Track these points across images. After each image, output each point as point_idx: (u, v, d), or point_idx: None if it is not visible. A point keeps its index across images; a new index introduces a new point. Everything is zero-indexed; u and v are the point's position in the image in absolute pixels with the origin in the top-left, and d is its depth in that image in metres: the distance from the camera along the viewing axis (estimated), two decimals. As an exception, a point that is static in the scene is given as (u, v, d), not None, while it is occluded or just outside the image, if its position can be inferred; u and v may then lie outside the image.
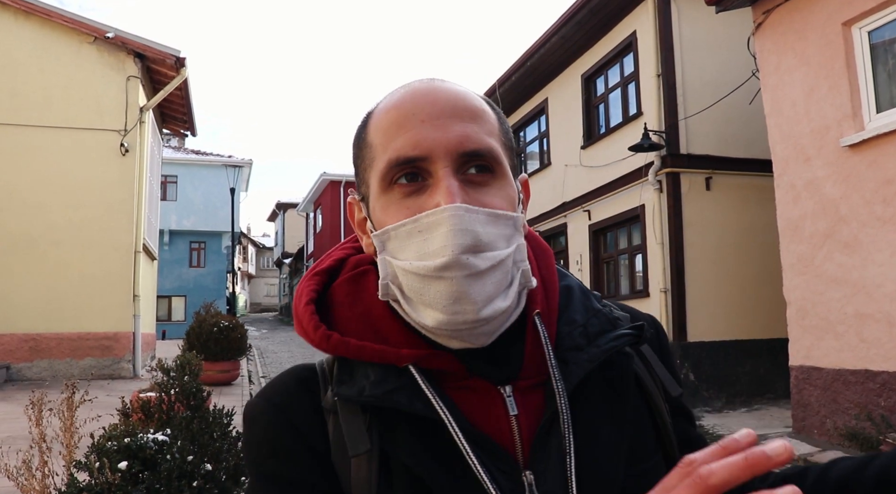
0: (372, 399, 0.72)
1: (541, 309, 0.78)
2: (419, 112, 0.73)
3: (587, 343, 0.76)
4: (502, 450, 0.72)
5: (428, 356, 0.74)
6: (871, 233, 6.15)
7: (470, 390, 0.75)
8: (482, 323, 0.70)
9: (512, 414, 0.74)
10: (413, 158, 0.72)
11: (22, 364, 10.58)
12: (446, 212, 0.69)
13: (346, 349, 0.75)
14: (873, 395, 6.11)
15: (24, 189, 10.83)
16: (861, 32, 6.37)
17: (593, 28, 11.01)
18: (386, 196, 0.74)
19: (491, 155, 0.74)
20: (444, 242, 0.68)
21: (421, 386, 0.72)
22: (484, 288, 0.69)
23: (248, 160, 31.35)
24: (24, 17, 11.18)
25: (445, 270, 0.68)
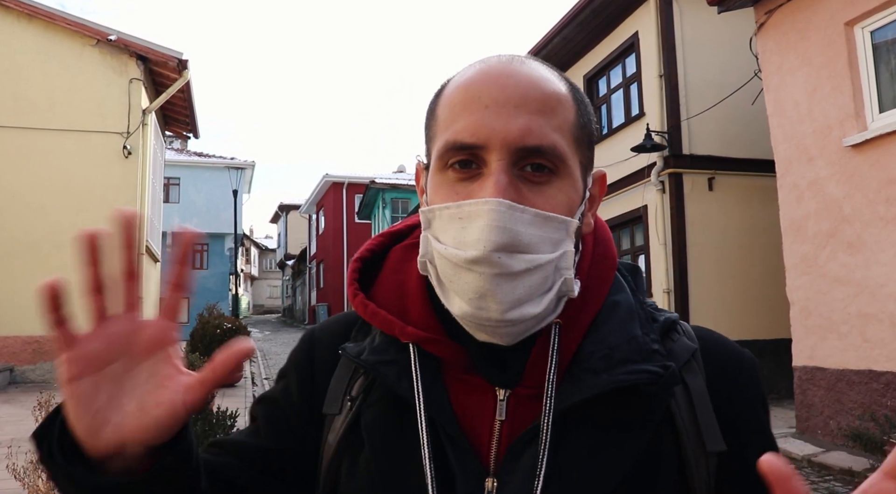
0: (364, 363, 0.75)
1: (566, 321, 0.73)
2: (485, 96, 0.69)
3: (606, 367, 0.70)
4: (471, 451, 0.71)
5: (430, 340, 0.73)
6: (874, 232, 6.14)
7: (467, 385, 0.74)
8: (506, 324, 0.68)
9: (498, 418, 0.72)
10: (469, 145, 0.69)
11: (25, 366, 10.59)
12: (487, 206, 0.66)
13: (364, 310, 0.78)
14: (877, 395, 6.09)
15: (27, 192, 10.85)
16: (863, 32, 6.37)
17: (595, 29, 11.01)
18: (440, 175, 0.72)
19: (554, 153, 0.69)
20: (479, 236, 0.66)
21: (412, 366, 0.73)
22: (514, 290, 0.67)
23: (251, 162, 31.40)
24: (27, 20, 11.20)
25: (474, 264, 0.66)
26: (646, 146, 9.06)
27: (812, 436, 6.81)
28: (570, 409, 0.70)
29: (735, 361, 0.79)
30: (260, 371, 14.16)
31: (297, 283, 43.02)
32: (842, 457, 6.08)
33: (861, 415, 6.12)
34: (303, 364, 0.85)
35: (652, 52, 9.77)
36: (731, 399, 0.76)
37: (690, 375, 0.75)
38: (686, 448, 0.72)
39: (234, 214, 22.50)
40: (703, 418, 0.73)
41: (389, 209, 26.72)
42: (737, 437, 0.74)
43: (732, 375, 0.78)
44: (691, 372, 0.75)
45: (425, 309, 0.76)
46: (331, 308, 30.82)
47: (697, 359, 0.77)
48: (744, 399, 0.78)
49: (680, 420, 0.72)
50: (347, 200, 31.68)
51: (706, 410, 0.74)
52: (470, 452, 0.71)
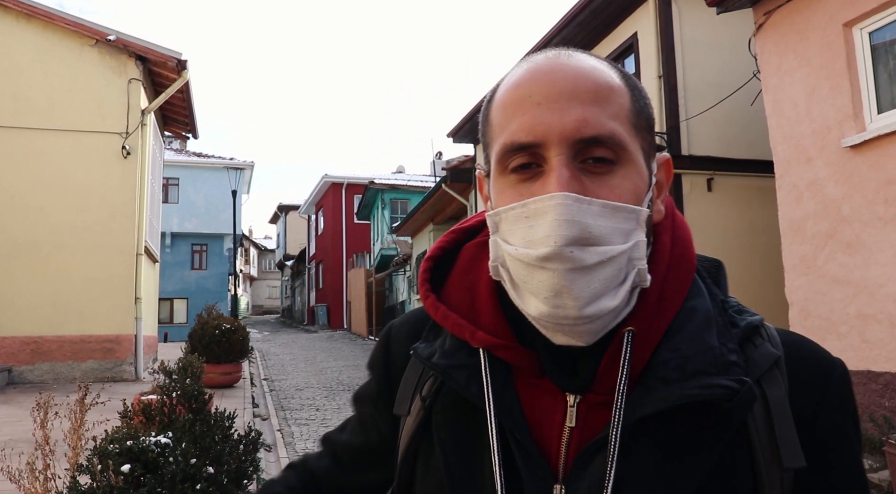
0: (434, 367, 0.76)
1: (640, 328, 0.69)
2: (535, 93, 0.69)
3: (679, 378, 0.67)
4: (540, 457, 0.70)
5: (500, 346, 0.73)
6: (873, 233, 6.14)
7: (538, 390, 0.73)
8: (585, 321, 0.66)
9: (568, 425, 0.71)
10: (527, 145, 0.68)
11: (24, 366, 10.58)
12: (553, 200, 0.65)
13: (435, 312, 0.78)
14: (876, 396, 6.09)
15: (27, 192, 10.85)
16: (862, 33, 6.37)
17: (595, 29, 11.01)
18: (502, 179, 0.71)
19: (613, 140, 0.68)
20: (548, 232, 0.65)
21: (482, 372, 0.73)
22: (589, 284, 0.65)
23: (250, 162, 31.39)
24: (26, 20, 11.20)
25: (547, 261, 0.65)
26: (645, 147, 9.05)
27: (811, 437, 6.81)
28: (641, 419, 0.67)
29: (824, 373, 0.75)
30: (259, 372, 14.16)
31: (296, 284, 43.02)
32: (840, 458, 6.07)
33: (860, 416, 6.12)
34: (379, 362, 0.89)
35: (651, 53, 9.77)
36: (817, 414, 0.72)
37: (771, 385, 0.71)
38: (759, 462, 0.68)
39: (234, 215, 22.49)
40: (780, 431, 0.69)
41: (388, 209, 26.72)
42: (820, 456, 0.71)
43: (820, 388, 0.74)
44: (772, 381, 0.71)
45: (496, 313, 0.75)
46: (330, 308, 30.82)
47: (780, 368, 0.73)
48: (831, 415, 0.73)
49: (755, 432, 0.68)
50: (346, 201, 31.69)
51: (785, 423, 0.70)
52: (539, 458, 0.70)
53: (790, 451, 0.69)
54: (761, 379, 0.70)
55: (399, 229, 23.00)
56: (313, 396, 11.11)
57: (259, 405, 9.92)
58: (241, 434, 3.91)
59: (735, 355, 0.70)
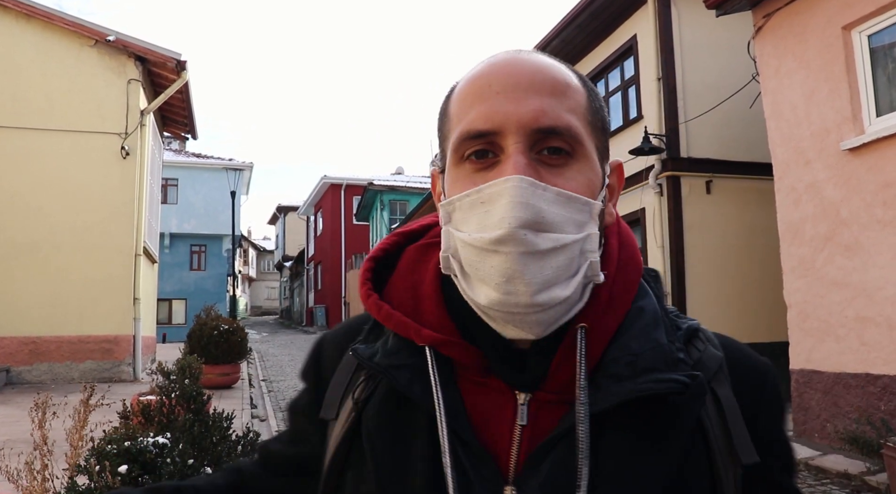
0: (376, 367, 0.73)
1: (592, 325, 0.70)
2: (495, 83, 0.69)
3: (630, 375, 0.67)
4: (489, 458, 0.68)
5: (447, 342, 0.71)
6: (871, 236, 6.15)
7: (486, 388, 0.71)
8: (537, 310, 0.65)
9: (519, 423, 0.69)
10: (484, 132, 0.67)
11: (22, 367, 10.57)
12: (508, 183, 0.64)
13: (377, 311, 0.76)
14: (874, 399, 6.10)
15: (26, 192, 10.84)
16: (861, 36, 6.38)
17: (594, 31, 11.02)
18: (457, 169, 0.71)
19: (570, 133, 0.68)
20: (502, 214, 0.64)
21: (428, 370, 0.70)
22: (542, 270, 0.64)
23: (249, 163, 31.39)
24: (26, 20, 11.20)
25: (500, 244, 0.64)
26: (644, 149, 9.06)
27: (809, 440, 6.82)
28: (595, 416, 0.67)
29: (759, 374, 0.77)
30: (257, 373, 14.15)
31: (294, 285, 43.00)
32: (839, 461, 6.08)
33: (858, 419, 6.12)
34: (310, 370, 0.87)
35: (650, 55, 9.78)
36: (757, 415, 0.74)
37: (720, 386, 0.73)
38: (717, 460, 0.69)
39: (232, 215, 22.49)
40: (735, 429, 0.71)
41: (387, 211, 26.72)
42: (765, 453, 0.72)
43: (758, 389, 0.76)
44: (720, 382, 0.73)
45: (440, 311, 0.74)
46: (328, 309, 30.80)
47: (724, 370, 0.75)
48: (769, 414, 0.76)
49: (711, 431, 0.70)
50: (345, 202, 31.69)
51: (737, 421, 0.71)
52: (487, 459, 0.68)
53: (745, 448, 0.70)
54: (711, 381, 0.72)
55: (398, 230, 22.93)
56: (312, 397, 11.09)
57: (257, 406, 9.91)
58: (239, 435, 3.91)
59: (682, 353, 0.72)
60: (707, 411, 0.70)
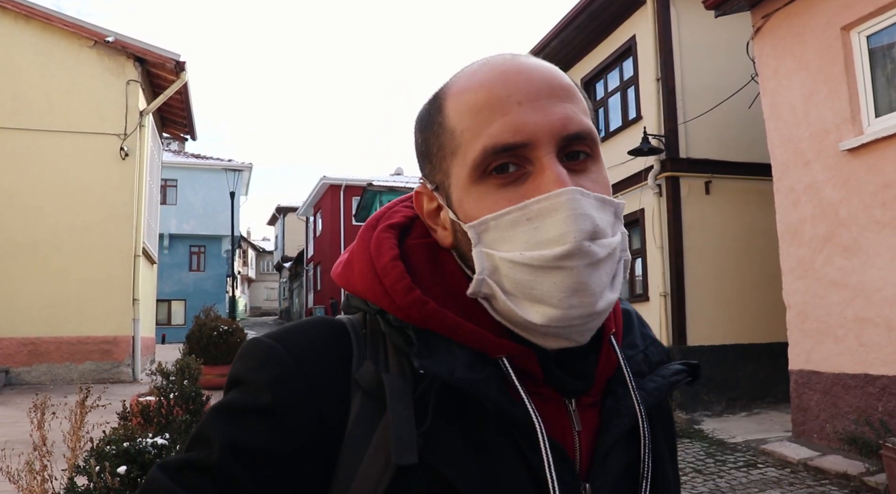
0: (464, 384, 0.63)
1: (613, 329, 0.74)
2: (514, 92, 0.66)
3: (650, 370, 0.76)
4: (571, 462, 0.68)
5: (520, 352, 0.68)
6: (870, 236, 6.15)
7: (541, 398, 0.69)
8: (596, 317, 0.65)
9: (576, 429, 0.70)
10: (514, 145, 0.64)
11: (21, 368, 10.57)
12: (563, 196, 0.62)
13: (442, 322, 0.67)
14: (872, 399, 6.10)
15: (25, 193, 10.84)
16: (860, 37, 6.39)
17: (593, 32, 11.03)
18: (478, 186, 0.67)
19: (591, 137, 0.68)
20: (564, 229, 0.62)
21: (514, 382, 0.66)
22: (601, 278, 0.64)
23: (248, 164, 31.39)
24: (25, 21, 11.20)
25: (567, 259, 0.62)
26: (643, 149, 9.07)
27: (808, 440, 6.82)
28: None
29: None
30: (256, 373, 14.14)
31: (294, 285, 42.98)
32: (837, 461, 6.08)
33: (857, 419, 6.12)
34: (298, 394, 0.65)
35: (649, 56, 9.79)
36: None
37: None
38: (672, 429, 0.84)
39: (232, 216, 22.50)
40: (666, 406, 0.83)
41: (387, 211, 26.67)
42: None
43: None
44: None
45: (494, 321, 0.69)
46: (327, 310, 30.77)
47: None
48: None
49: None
50: (345, 202, 31.67)
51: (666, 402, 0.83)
52: (571, 463, 0.68)
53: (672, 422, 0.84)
54: None
55: (397, 231, 22.92)
56: (311, 398, 11.10)
57: (257, 407, 9.89)
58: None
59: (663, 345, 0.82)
60: None
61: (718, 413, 8.95)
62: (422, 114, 0.74)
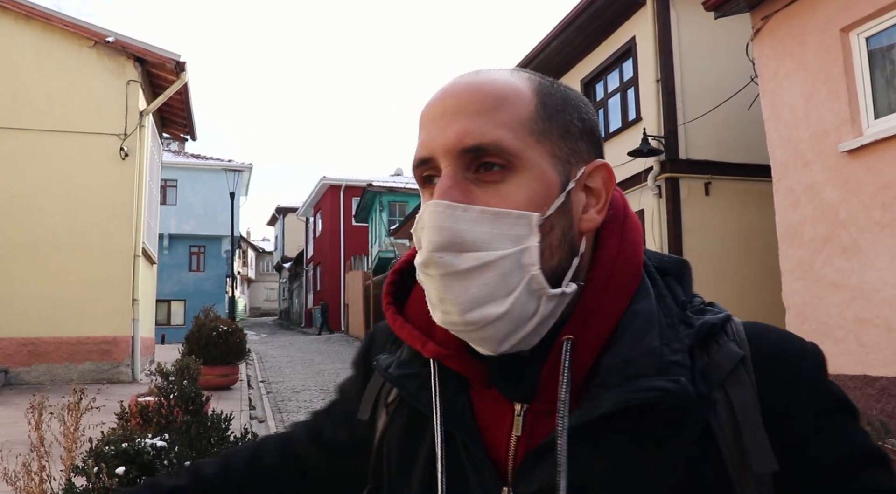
0: (388, 377, 0.80)
1: (579, 335, 0.69)
2: (430, 111, 0.73)
3: (619, 382, 0.66)
4: (487, 462, 0.72)
5: (448, 355, 0.74)
6: (869, 237, 6.15)
7: (489, 397, 0.75)
8: (472, 328, 0.67)
9: (515, 434, 0.72)
10: (424, 159, 0.72)
11: (20, 368, 10.57)
12: (427, 210, 0.68)
13: (392, 322, 0.80)
14: (872, 400, 6.10)
15: (25, 193, 10.84)
16: (859, 38, 6.39)
17: (593, 33, 11.04)
18: (422, 194, 0.75)
19: (499, 148, 0.67)
20: (426, 238, 0.68)
21: (433, 380, 0.76)
22: (467, 289, 0.66)
23: (248, 164, 31.40)
24: (25, 21, 11.21)
25: (425, 267, 0.68)
26: (642, 150, 9.07)
27: (807, 441, 6.82)
28: (585, 425, 0.66)
29: (793, 363, 0.71)
30: (256, 374, 14.13)
31: (293, 286, 42.98)
32: (837, 462, 6.08)
33: (856, 420, 6.13)
34: (360, 359, 0.93)
35: (649, 57, 9.79)
36: (791, 413, 0.68)
37: (735, 387, 0.68)
38: (729, 469, 0.65)
39: (232, 216, 22.51)
40: (747, 435, 0.65)
41: (387, 212, 26.71)
42: (802, 453, 0.67)
43: (790, 381, 0.70)
44: (737, 383, 0.68)
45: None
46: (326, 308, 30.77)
47: (748, 367, 0.70)
48: (806, 406, 0.69)
49: (722, 438, 0.66)
50: (345, 203, 31.68)
51: (752, 426, 0.66)
52: (486, 463, 0.72)
53: (759, 456, 0.65)
54: (725, 383, 0.68)
55: (397, 232, 22.99)
56: (310, 398, 11.09)
57: (256, 407, 9.90)
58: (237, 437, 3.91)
59: (679, 355, 0.68)
60: (718, 416, 0.67)
61: (718, 415, 8.94)
62: None
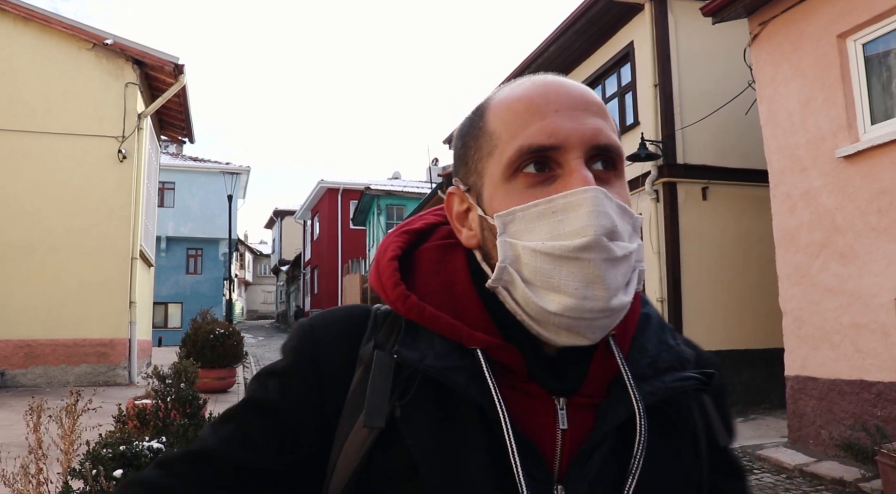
0: (431, 370, 0.70)
1: (617, 332, 0.75)
2: (553, 102, 0.72)
3: (653, 375, 0.74)
4: (541, 458, 0.70)
5: (498, 346, 0.71)
6: (866, 243, 6.18)
7: (525, 393, 0.72)
8: (608, 314, 0.68)
9: (561, 428, 0.71)
10: (547, 147, 0.70)
11: (17, 370, 10.54)
12: (588, 193, 0.67)
13: (420, 313, 0.73)
14: (868, 405, 6.11)
15: (22, 195, 10.83)
16: (856, 45, 6.42)
17: (591, 38, 11.06)
18: (509, 184, 0.71)
19: (618, 152, 0.73)
20: (585, 222, 0.66)
21: (483, 373, 0.70)
22: (617, 276, 0.67)
23: (246, 167, 31.40)
24: (23, 23, 11.21)
25: (584, 251, 0.66)
26: (640, 155, 9.09)
27: (804, 446, 6.83)
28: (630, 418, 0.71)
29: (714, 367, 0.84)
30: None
31: (291, 289, 42.94)
32: (833, 467, 6.09)
33: (852, 425, 6.14)
34: (306, 364, 0.77)
35: (647, 62, 9.82)
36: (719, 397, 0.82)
37: None
38: (701, 445, 0.77)
39: (229, 219, 22.49)
40: (713, 417, 0.79)
41: (384, 215, 26.70)
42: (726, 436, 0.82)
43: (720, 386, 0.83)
44: None
45: (485, 314, 0.73)
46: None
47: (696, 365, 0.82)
48: (724, 401, 0.84)
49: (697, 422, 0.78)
50: (342, 206, 31.68)
51: (713, 410, 0.79)
52: (540, 459, 0.69)
53: (721, 432, 0.79)
54: None
55: (395, 235, 22.89)
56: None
57: (253, 410, 9.86)
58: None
59: (689, 351, 0.80)
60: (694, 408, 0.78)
61: (715, 419, 8.94)
62: (464, 121, 0.80)
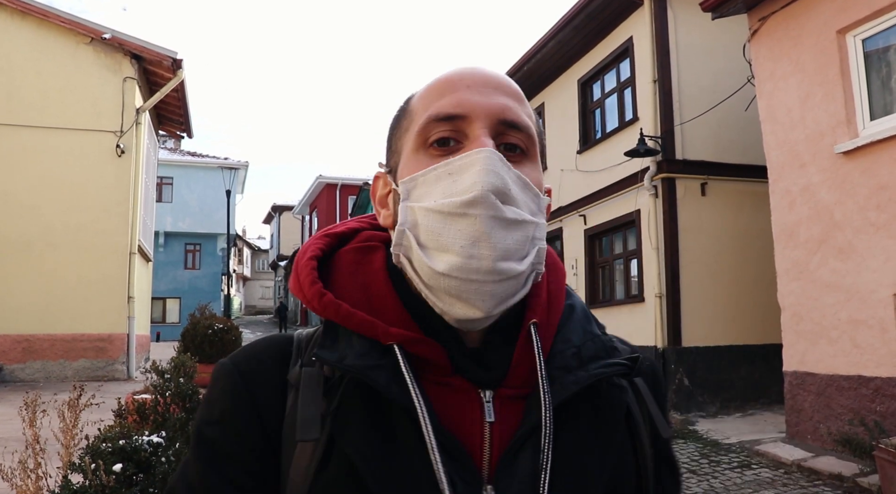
0: (352, 370, 0.67)
1: (539, 321, 0.74)
2: (466, 79, 0.73)
3: (577, 365, 0.72)
4: (468, 458, 0.67)
5: (416, 340, 0.69)
6: (864, 238, 6.18)
7: (449, 388, 0.70)
8: (495, 278, 0.66)
9: (488, 421, 0.69)
10: (453, 115, 0.71)
11: (15, 365, 10.54)
12: (481, 154, 0.68)
13: (336, 311, 0.71)
14: (866, 401, 6.13)
15: (21, 190, 10.81)
16: (855, 40, 6.42)
17: (590, 33, 11.05)
18: (417, 155, 0.73)
19: (528, 132, 0.73)
20: (474, 179, 0.67)
21: (401, 370, 0.67)
22: (505, 238, 0.67)
23: (244, 162, 31.35)
24: (21, 17, 11.17)
25: (471, 206, 0.66)
26: (639, 150, 9.09)
27: (802, 441, 6.84)
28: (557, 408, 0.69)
29: (654, 366, 0.86)
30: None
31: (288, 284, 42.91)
32: (831, 462, 6.11)
33: (850, 420, 6.15)
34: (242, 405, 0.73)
35: (646, 58, 9.81)
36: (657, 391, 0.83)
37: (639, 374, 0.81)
38: (641, 438, 0.76)
39: (227, 214, 22.47)
40: (652, 409, 0.78)
41: (383, 211, 26.70)
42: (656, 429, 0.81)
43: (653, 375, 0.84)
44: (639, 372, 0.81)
45: (400, 308, 0.72)
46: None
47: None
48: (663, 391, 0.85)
49: (636, 413, 0.77)
50: (341, 202, 31.66)
51: (652, 402, 0.79)
52: (467, 459, 0.67)
53: (661, 424, 0.78)
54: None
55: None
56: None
57: (251, 405, 9.87)
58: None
59: (616, 341, 0.81)
60: (629, 396, 0.77)
61: (713, 414, 8.97)
62: (398, 111, 0.81)
